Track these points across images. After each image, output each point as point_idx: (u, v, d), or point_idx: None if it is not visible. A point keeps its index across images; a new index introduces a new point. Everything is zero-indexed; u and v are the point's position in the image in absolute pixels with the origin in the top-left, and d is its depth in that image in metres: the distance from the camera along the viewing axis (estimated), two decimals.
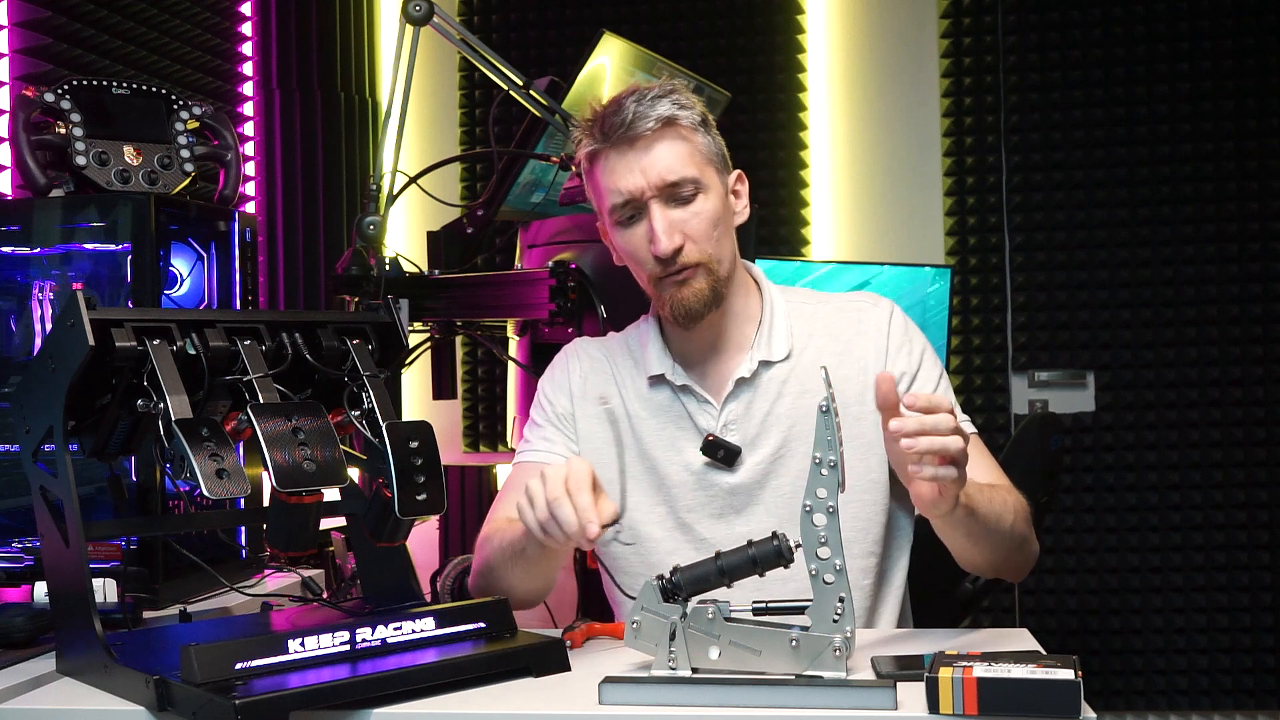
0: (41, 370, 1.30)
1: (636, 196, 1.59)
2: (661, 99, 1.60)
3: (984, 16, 3.54)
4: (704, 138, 1.64)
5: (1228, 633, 3.40)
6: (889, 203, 3.59)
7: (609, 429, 1.70)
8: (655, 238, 1.58)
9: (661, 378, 1.68)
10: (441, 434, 1.36)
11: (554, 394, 1.76)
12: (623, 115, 1.58)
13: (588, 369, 1.75)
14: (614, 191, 1.60)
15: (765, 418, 1.65)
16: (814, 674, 1.20)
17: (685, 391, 1.67)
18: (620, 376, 1.73)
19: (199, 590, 1.82)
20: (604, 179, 1.62)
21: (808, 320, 1.70)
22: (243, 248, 2.01)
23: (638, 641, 1.23)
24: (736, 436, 1.64)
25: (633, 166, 1.59)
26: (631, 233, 1.61)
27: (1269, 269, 3.42)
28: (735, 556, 1.26)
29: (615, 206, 1.61)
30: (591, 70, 2.34)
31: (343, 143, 3.39)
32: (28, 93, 1.86)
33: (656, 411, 1.68)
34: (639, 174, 1.59)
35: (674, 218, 1.59)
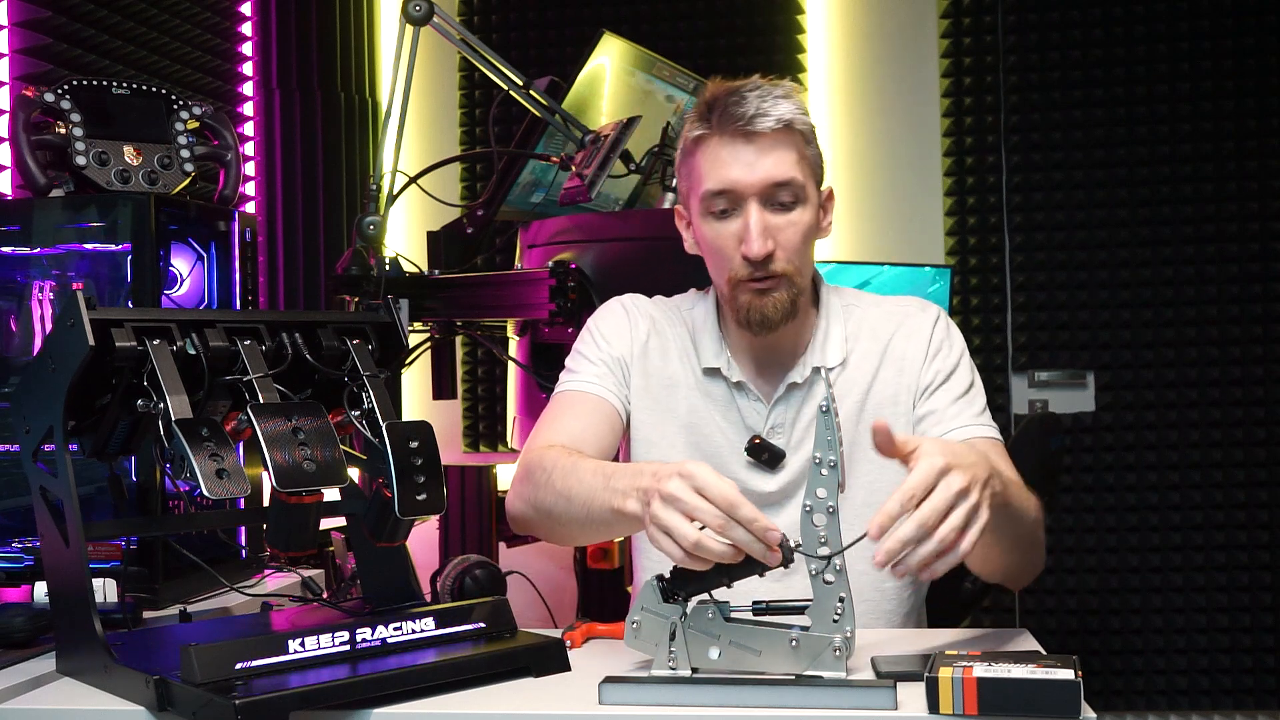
0: (41, 370, 1.30)
1: (738, 191, 1.57)
2: (784, 100, 1.59)
3: (984, 16, 3.54)
4: (812, 149, 1.64)
5: (1228, 633, 3.40)
6: (889, 203, 3.59)
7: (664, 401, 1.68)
8: (749, 238, 1.56)
9: (717, 372, 1.67)
10: (441, 434, 1.36)
11: (613, 336, 1.72)
12: (744, 108, 1.56)
13: (649, 330, 1.71)
14: (715, 179, 1.57)
15: (811, 424, 1.64)
16: (814, 674, 1.20)
17: (740, 388, 1.66)
18: (673, 355, 1.70)
19: (199, 590, 1.82)
20: (706, 164, 1.58)
21: (856, 324, 1.70)
22: (243, 248, 2.01)
23: (638, 641, 1.23)
24: (782, 440, 1.64)
25: (742, 160, 1.56)
26: (722, 226, 1.59)
27: (1269, 269, 3.42)
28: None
29: (711, 194, 1.58)
30: (591, 70, 2.34)
31: (343, 143, 3.39)
32: (28, 93, 1.86)
33: (710, 398, 1.67)
34: (746, 169, 1.56)
35: (771, 222, 1.57)
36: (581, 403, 1.68)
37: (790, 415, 1.65)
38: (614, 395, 1.69)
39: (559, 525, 1.55)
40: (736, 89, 1.59)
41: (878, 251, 3.47)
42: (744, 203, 1.57)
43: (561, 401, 1.70)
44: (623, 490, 1.38)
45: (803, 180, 1.59)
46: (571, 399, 1.69)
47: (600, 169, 2.13)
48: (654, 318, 1.73)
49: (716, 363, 1.67)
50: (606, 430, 1.67)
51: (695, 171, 1.60)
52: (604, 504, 1.42)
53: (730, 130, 1.56)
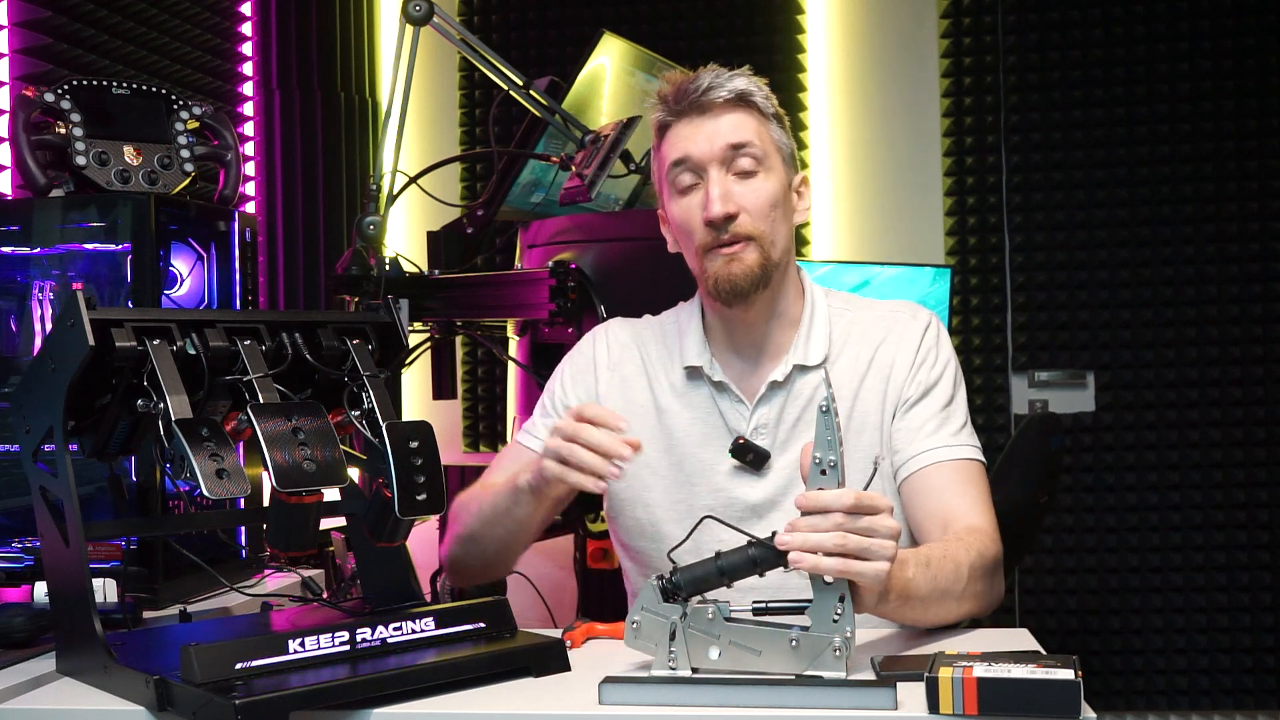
0: (41, 370, 1.30)
1: (696, 159, 1.58)
2: (739, 77, 1.61)
3: (984, 16, 3.54)
4: (776, 128, 1.64)
5: (1228, 633, 3.40)
6: (889, 203, 3.59)
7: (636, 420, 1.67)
8: (709, 201, 1.57)
9: (699, 371, 1.66)
10: (441, 434, 1.36)
11: (572, 385, 1.73)
12: (698, 83, 1.59)
13: (617, 357, 1.72)
14: (675, 152, 1.60)
15: (795, 424, 1.64)
16: (814, 674, 1.20)
17: (721, 389, 1.65)
18: (651, 365, 1.70)
19: (199, 590, 1.82)
20: (667, 146, 1.62)
21: (846, 327, 1.68)
22: (243, 248, 2.01)
23: (638, 641, 1.23)
24: (766, 441, 1.63)
25: (699, 131, 1.59)
26: (687, 200, 1.60)
27: (1269, 269, 3.42)
28: (735, 556, 1.26)
29: (673, 166, 1.60)
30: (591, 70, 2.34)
31: (343, 143, 3.39)
32: (28, 93, 1.86)
33: (690, 405, 1.67)
34: (704, 138, 1.58)
35: (732, 188, 1.58)
36: (517, 457, 1.70)
37: (774, 415, 1.64)
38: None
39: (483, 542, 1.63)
40: (689, 77, 1.62)
41: (878, 251, 3.48)
42: (705, 172, 1.59)
43: (508, 452, 1.75)
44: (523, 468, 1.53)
45: (763, 147, 1.60)
46: (516, 452, 1.72)
47: (600, 169, 2.13)
48: (624, 342, 1.73)
49: (699, 361, 1.66)
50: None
51: (660, 157, 1.64)
52: (506, 491, 1.56)
53: (686, 106, 1.59)
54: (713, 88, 1.58)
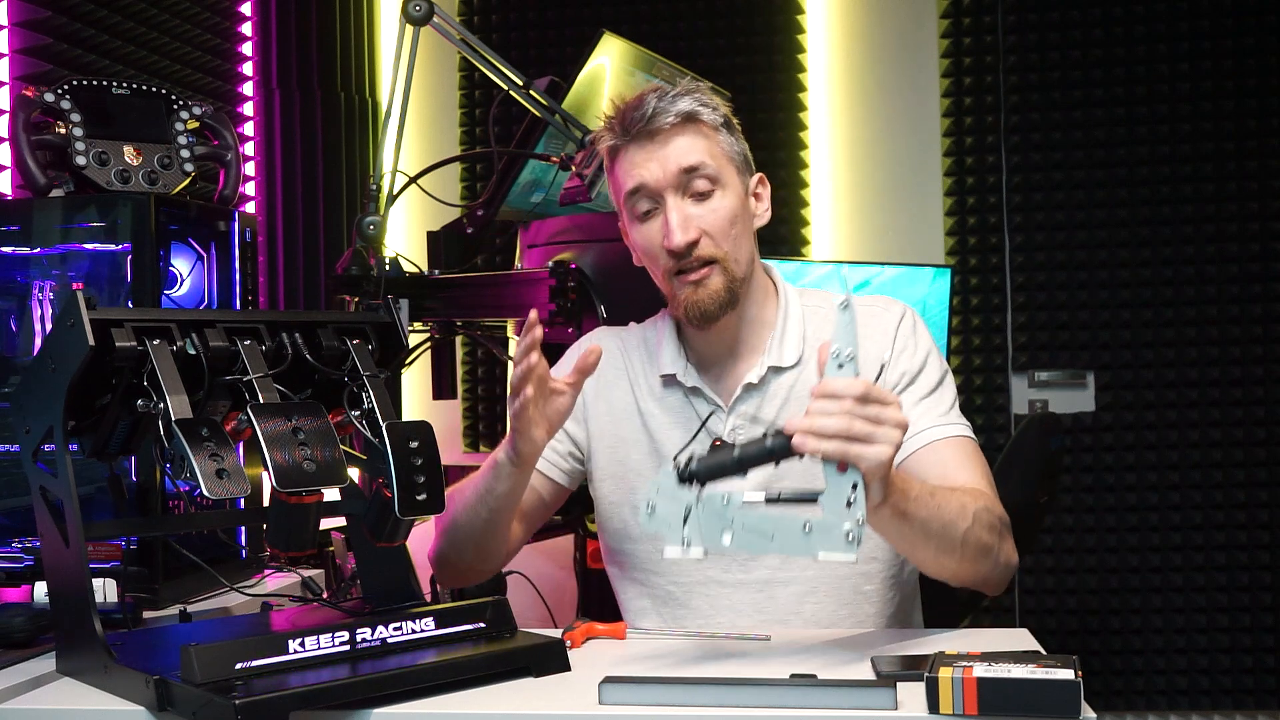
0: (41, 370, 1.30)
1: (652, 187, 1.59)
2: (684, 96, 1.61)
3: (984, 16, 3.54)
4: (726, 137, 1.64)
5: (1228, 633, 3.40)
6: (889, 203, 3.59)
7: (621, 424, 1.70)
8: (669, 231, 1.57)
9: (673, 378, 1.68)
10: (441, 434, 1.36)
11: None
12: (644, 109, 1.59)
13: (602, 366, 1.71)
14: (629, 179, 1.61)
15: (774, 422, 1.64)
16: (826, 557, 1.20)
17: (695, 394, 1.67)
18: (634, 371, 1.73)
19: (199, 590, 1.82)
20: (621, 172, 1.62)
21: (821, 325, 1.69)
22: (243, 248, 2.01)
23: (652, 523, 1.24)
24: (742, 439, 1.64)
25: (651, 157, 1.59)
26: (647, 227, 1.61)
27: (1269, 269, 3.43)
28: (752, 448, 1.27)
29: (630, 195, 1.61)
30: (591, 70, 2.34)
31: (343, 143, 3.39)
32: (28, 93, 1.86)
33: (669, 410, 1.68)
34: (656, 165, 1.59)
35: (690, 212, 1.59)
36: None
37: (750, 415, 1.65)
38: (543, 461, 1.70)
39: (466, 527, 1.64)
40: (638, 96, 1.62)
41: (878, 251, 3.48)
42: (662, 198, 1.59)
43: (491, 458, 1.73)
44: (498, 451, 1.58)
45: (715, 165, 1.60)
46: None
47: (600, 169, 2.12)
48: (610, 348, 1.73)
49: (673, 368, 1.67)
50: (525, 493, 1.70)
51: (616, 182, 1.64)
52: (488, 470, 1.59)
53: (635, 133, 1.59)
54: (658, 113, 1.58)
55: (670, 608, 1.68)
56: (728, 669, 1.28)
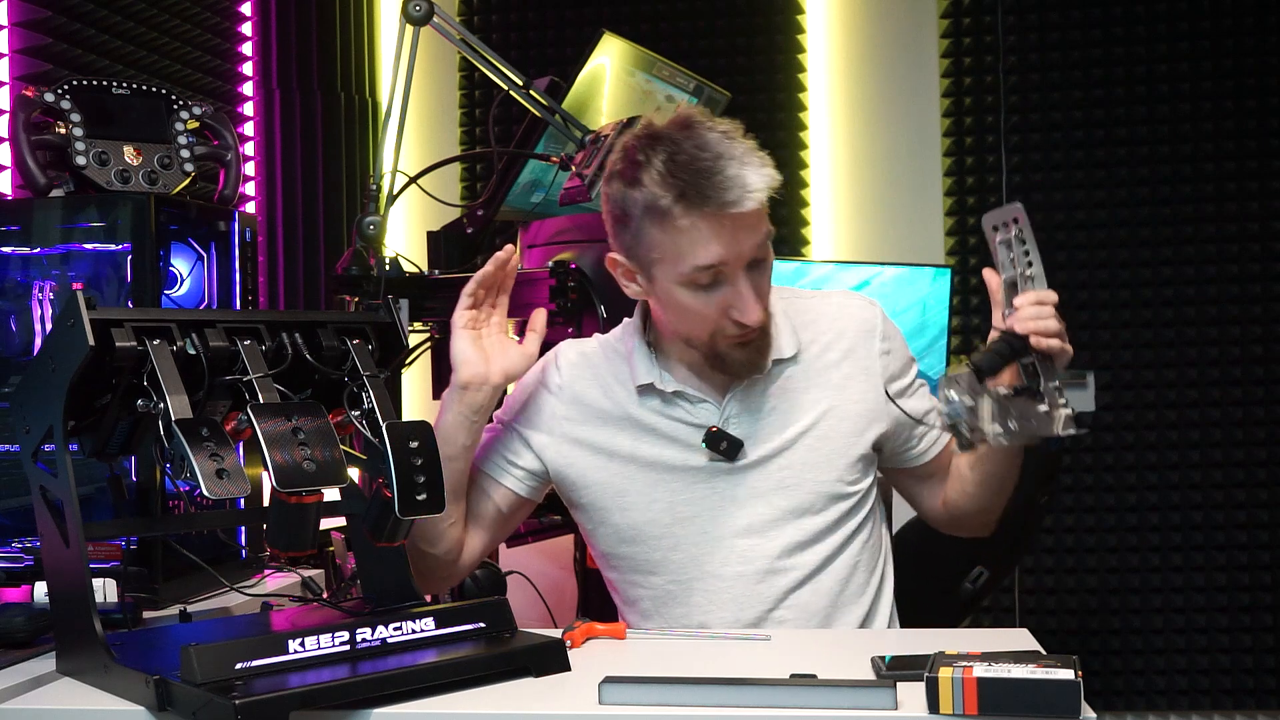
0: (41, 370, 1.30)
1: (729, 266, 1.53)
2: (761, 168, 1.52)
3: (984, 16, 3.54)
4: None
5: (1228, 633, 3.40)
6: (889, 203, 3.59)
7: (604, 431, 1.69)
8: (748, 308, 1.54)
9: (650, 387, 1.67)
10: None
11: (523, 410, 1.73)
12: (726, 187, 1.49)
13: (568, 376, 1.72)
14: (704, 256, 1.51)
15: (770, 412, 1.66)
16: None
17: (678, 396, 1.67)
18: (605, 380, 1.72)
19: (199, 590, 1.82)
20: (684, 242, 1.52)
21: (807, 316, 1.71)
22: (243, 248, 2.01)
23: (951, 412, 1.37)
24: (738, 431, 1.65)
25: (728, 236, 1.51)
26: (709, 297, 1.55)
27: (1269, 269, 3.42)
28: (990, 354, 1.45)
29: (699, 269, 1.52)
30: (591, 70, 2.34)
31: (343, 143, 3.39)
32: (28, 93, 1.86)
33: (651, 413, 1.68)
34: (734, 244, 1.51)
35: (757, 286, 1.56)
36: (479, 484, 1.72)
37: (745, 405, 1.66)
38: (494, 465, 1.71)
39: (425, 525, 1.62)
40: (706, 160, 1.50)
41: (878, 251, 3.47)
42: (732, 273, 1.54)
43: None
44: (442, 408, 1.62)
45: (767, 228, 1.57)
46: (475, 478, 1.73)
47: (600, 169, 2.12)
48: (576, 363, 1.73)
49: (649, 378, 1.66)
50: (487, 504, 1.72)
51: (669, 246, 1.53)
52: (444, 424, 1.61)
53: (710, 210, 1.49)
54: (746, 195, 1.49)
55: (670, 606, 1.68)
56: (728, 669, 1.28)
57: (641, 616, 1.71)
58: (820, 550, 1.66)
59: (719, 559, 1.65)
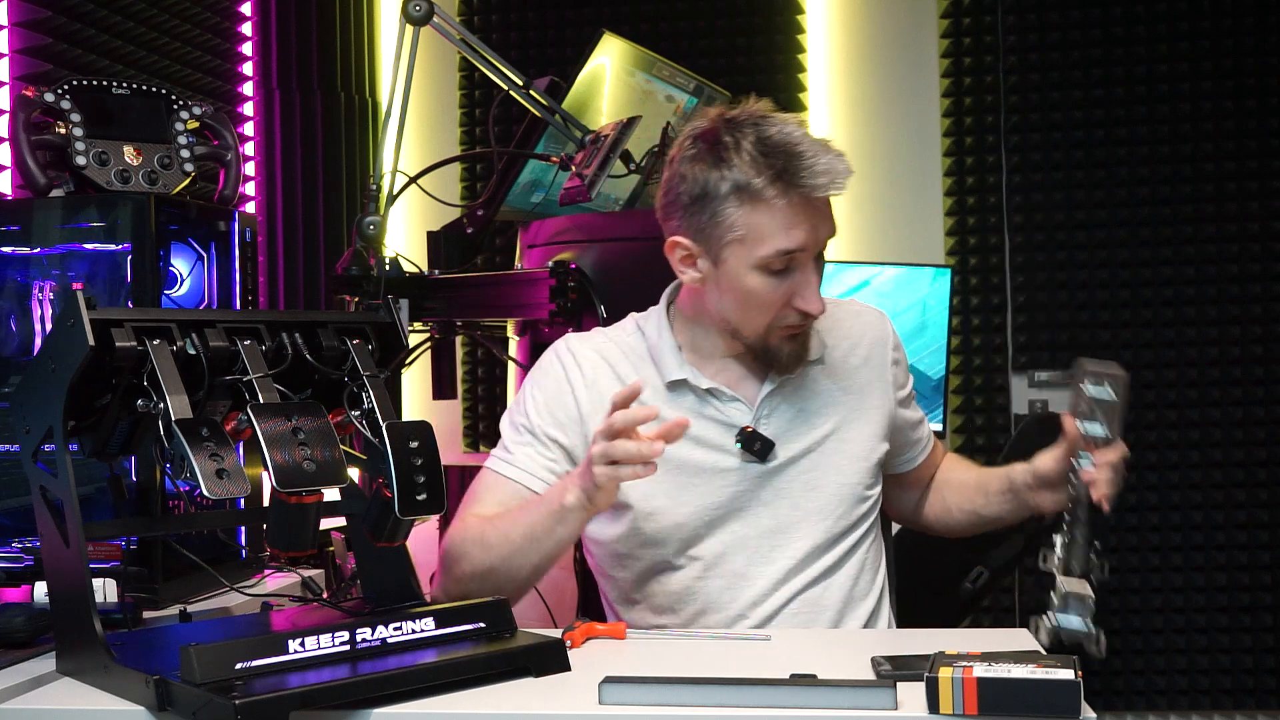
0: (41, 370, 1.30)
1: (806, 252, 1.56)
2: (843, 158, 1.54)
3: (984, 16, 3.54)
4: None
5: (1228, 633, 3.40)
6: (889, 203, 3.59)
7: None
8: (811, 298, 1.57)
9: (683, 384, 1.66)
10: (441, 434, 1.36)
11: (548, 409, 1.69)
12: (817, 173, 1.52)
13: (590, 374, 1.69)
14: (788, 240, 1.54)
15: (798, 413, 1.68)
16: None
17: (712, 394, 1.66)
18: (628, 379, 1.68)
19: (199, 590, 1.82)
20: (775, 224, 1.53)
21: (828, 320, 1.72)
22: (243, 248, 2.01)
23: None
24: (769, 431, 1.66)
25: (811, 222, 1.54)
26: (777, 283, 1.56)
27: (1269, 269, 3.42)
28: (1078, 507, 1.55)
29: (780, 253, 1.54)
30: (591, 70, 2.34)
31: (343, 143, 3.39)
32: (28, 93, 1.86)
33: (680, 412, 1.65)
34: (814, 231, 1.55)
35: (819, 276, 1.59)
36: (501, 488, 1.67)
37: (774, 406, 1.67)
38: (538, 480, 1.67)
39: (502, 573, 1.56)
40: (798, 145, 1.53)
41: (878, 251, 3.47)
42: (804, 261, 1.57)
43: (486, 483, 1.69)
44: (559, 490, 1.53)
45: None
46: (496, 483, 1.67)
47: (600, 169, 2.13)
48: (592, 360, 1.70)
49: (681, 374, 1.66)
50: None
51: (754, 227, 1.54)
52: (546, 513, 1.53)
53: (803, 193, 1.52)
54: (835, 180, 1.52)
55: (687, 602, 1.66)
56: (728, 669, 1.28)
57: (653, 612, 1.68)
58: (838, 551, 1.68)
59: (743, 559, 1.65)
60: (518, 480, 1.65)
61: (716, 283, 1.61)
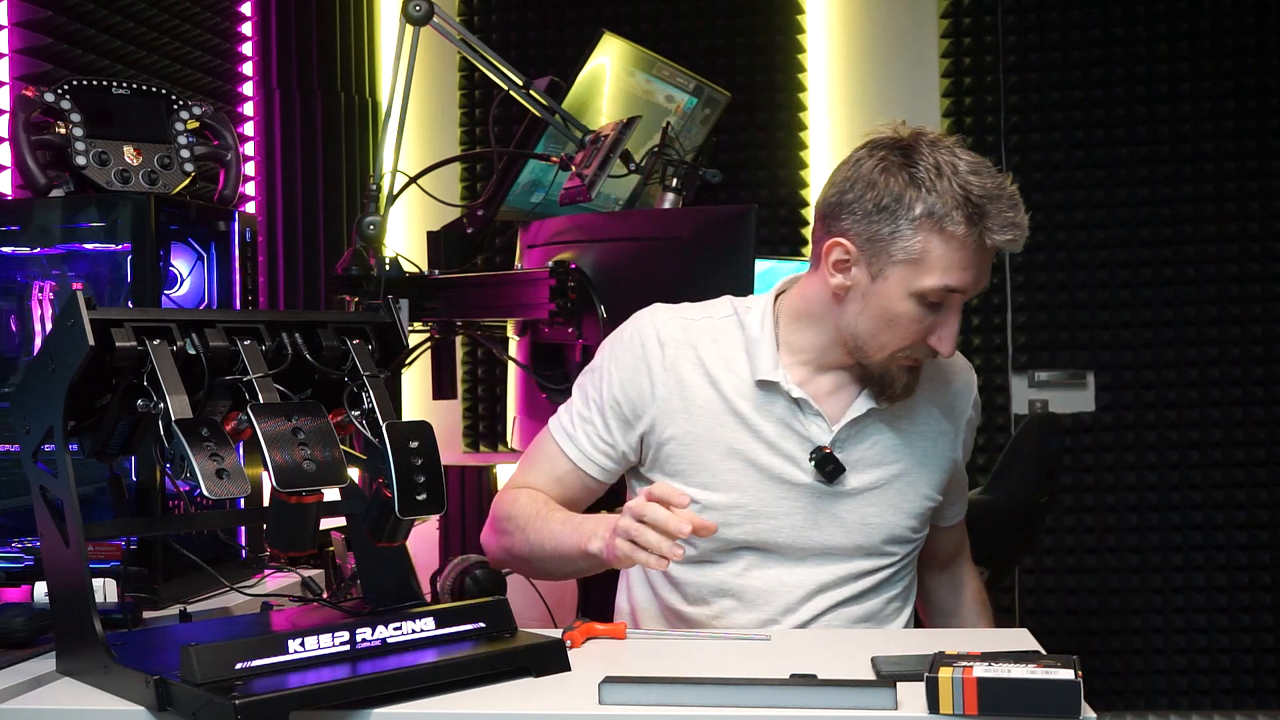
0: (41, 370, 1.29)
1: (963, 294, 1.55)
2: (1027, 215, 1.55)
3: (984, 16, 3.54)
4: None
5: (1228, 633, 3.40)
6: None
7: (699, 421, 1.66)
8: (946, 340, 1.57)
9: (775, 385, 1.64)
10: (441, 434, 1.36)
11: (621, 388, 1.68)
12: (1011, 222, 1.52)
13: (673, 356, 1.67)
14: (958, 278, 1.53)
15: (873, 445, 1.66)
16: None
17: (800, 405, 1.64)
18: (711, 364, 1.67)
19: (199, 590, 1.82)
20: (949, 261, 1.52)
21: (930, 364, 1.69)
22: (243, 248, 2.01)
23: None
24: (844, 456, 1.65)
25: (979, 268, 1.55)
26: (924, 314, 1.55)
27: (1269, 269, 3.42)
28: None
29: (944, 288, 1.53)
30: (591, 70, 2.34)
31: (343, 143, 3.39)
32: (28, 93, 1.86)
33: (767, 415, 1.65)
34: (978, 278, 1.55)
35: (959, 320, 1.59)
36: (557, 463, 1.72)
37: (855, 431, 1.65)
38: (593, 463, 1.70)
39: (534, 568, 1.72)
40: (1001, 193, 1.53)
41: None
42: (956, 302, 1.56)
43: (546, 451, 1.73)
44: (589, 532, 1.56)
45: None
46: (553, 456, 1.72)
47: (600, 169, 2.13)
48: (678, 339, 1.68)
49: (774, 377, 1.63)
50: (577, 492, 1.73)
51: (929, 256, 1.53)
52: (573, 546, 1.59)
53: (990, 239, 1.52)
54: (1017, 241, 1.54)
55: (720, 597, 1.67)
56: (728, 669, 1.28)
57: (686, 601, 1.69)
58: (875, 578, 1.69)
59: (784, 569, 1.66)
60: (574, 460, 1.70)
61: (864, 295, 1.58)
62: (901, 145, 1.56)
